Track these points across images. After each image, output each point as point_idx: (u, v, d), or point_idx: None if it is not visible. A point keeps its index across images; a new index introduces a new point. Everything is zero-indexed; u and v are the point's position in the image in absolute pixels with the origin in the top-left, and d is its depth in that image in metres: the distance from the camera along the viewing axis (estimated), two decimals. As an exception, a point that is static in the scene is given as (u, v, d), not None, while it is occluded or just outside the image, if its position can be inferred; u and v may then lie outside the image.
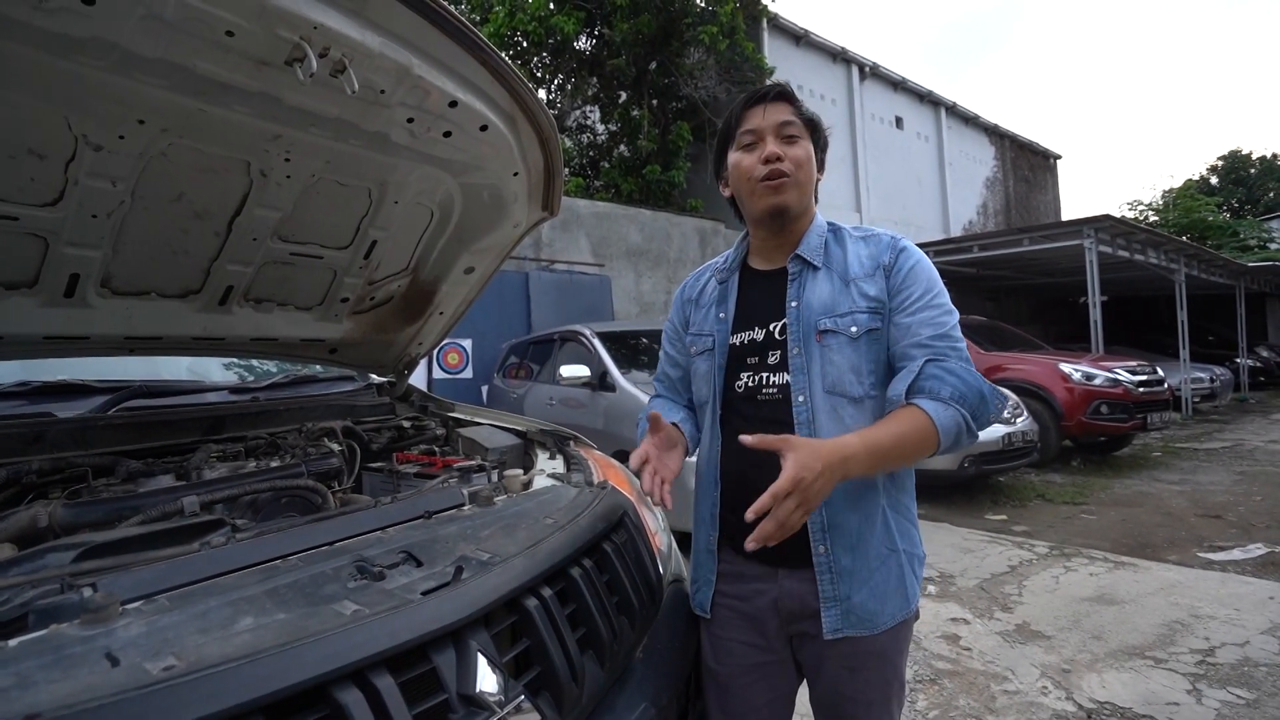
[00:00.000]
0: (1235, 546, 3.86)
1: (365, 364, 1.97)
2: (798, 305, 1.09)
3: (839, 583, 1.03)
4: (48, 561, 0.82)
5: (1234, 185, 29.86)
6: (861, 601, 1.03)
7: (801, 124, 1.10)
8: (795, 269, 1.12)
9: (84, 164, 1.05)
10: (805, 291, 1.10)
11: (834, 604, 1.03)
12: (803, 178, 1.10)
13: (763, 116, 1.10)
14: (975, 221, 18.22)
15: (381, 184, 1.38)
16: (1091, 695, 2.27)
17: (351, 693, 0.61)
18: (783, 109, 1.10)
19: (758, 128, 1.10)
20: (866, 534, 1.04)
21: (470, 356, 7.07)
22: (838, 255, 1.12)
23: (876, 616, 1.04)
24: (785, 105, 1.11)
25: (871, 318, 1.05)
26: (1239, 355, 12.38)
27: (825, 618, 1.03)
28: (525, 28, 10.15)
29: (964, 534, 4.29)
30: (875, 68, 15.37)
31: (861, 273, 1.08)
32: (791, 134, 1.09)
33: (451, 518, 1.04)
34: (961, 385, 0.99)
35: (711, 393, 1.16)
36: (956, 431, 0.98)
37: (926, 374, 1.00)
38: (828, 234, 1.15)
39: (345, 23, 0.97)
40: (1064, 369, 6.42)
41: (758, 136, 1.10)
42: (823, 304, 1.07)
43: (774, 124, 1.09)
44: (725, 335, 1.16)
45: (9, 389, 1.47)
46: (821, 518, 1.03)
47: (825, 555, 1.03)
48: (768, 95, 1.11)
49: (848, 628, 1.03)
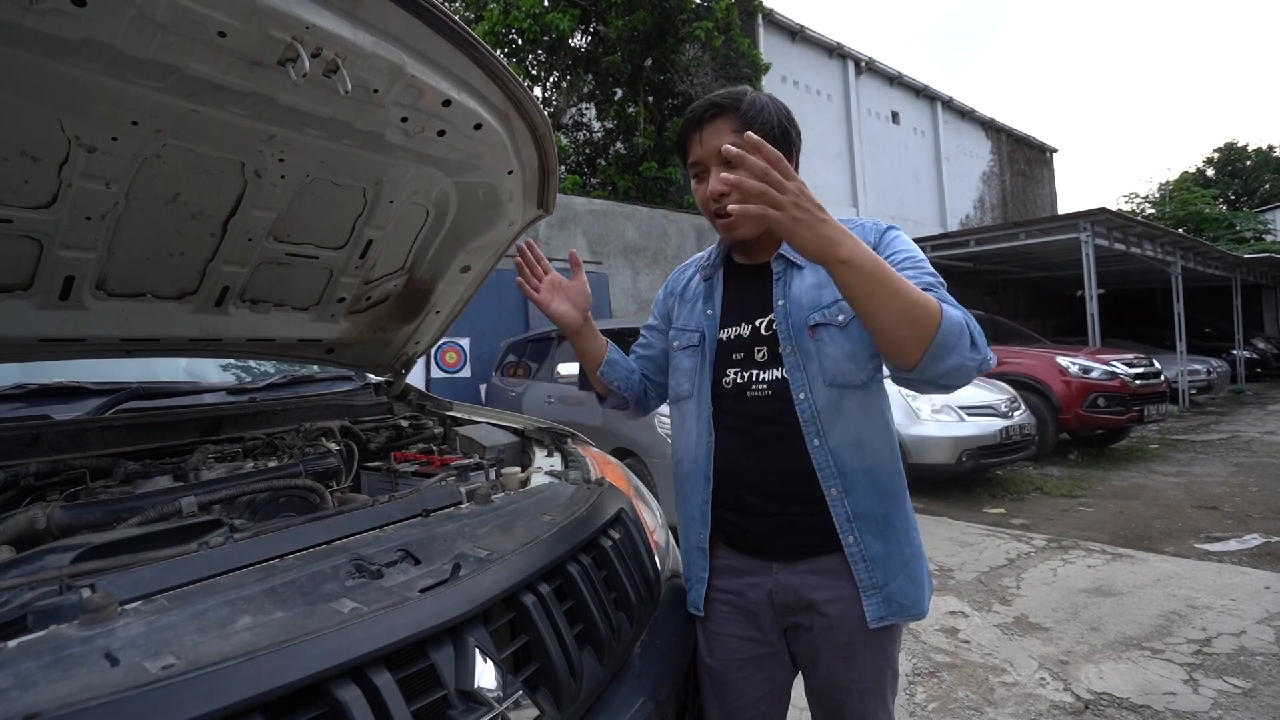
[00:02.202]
0: (1232, 537, 3.88)
1: (362, 364, 1.97)
2: (784, 304, 1.08)
3: (875, 570, 1.02)
4: (46, 563, 0.83)
5: (1230, 177, 29.91)
6: (901, 587, 1.03)
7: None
8: (779, 268, 1.11)
9: (78, 166, 1.05)
10: (791, 289, 1.08)
11: (874, 591, 1.02)
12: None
13: (700, 144, 1.04)
14: (972, 216, 18.23)
15: (376, 183, 1.38)
16: (1089, 686, 2.29)
17: (350, 690, 0.61)
18: (722, 130, 1.01)
19: (699, 159, 1.05)
20: (896, 520, 1.05)
21: (468, 355, 7.07)
22: None
23: (920, 602, 1.04)
24: (725, 124, 1.02)
25: None
26: (1235, 347, 12.42)
27: (867, 607, 1.01)
28: (520, 25, 10.12)
29: (962, 528, 4.31)
30: (871, 63, 15.36)
31: None
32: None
33: (449, 516, 1.04)
34: (958, 310, 0.92)
35: (696, 388, 1.15)
36: (960, 329, 0.89)
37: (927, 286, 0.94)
38: None
39: (338, 22, 0.97)
40: (1061, 362, 6.43)
41: (702, 167, 1.05)
42: (810, 299, 1.06)
43: (713, 152, 1.02)
44: (714, 330, 1.15)
45: (6, 392, 1.47)
46: (846, 509, 1.02)
47: (856, 544, 1.02)
48: (702, 119, 1.03)
49: (891, 615, 1.02)
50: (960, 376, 0.91)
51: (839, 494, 1.03)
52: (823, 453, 1.03)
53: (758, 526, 1.08)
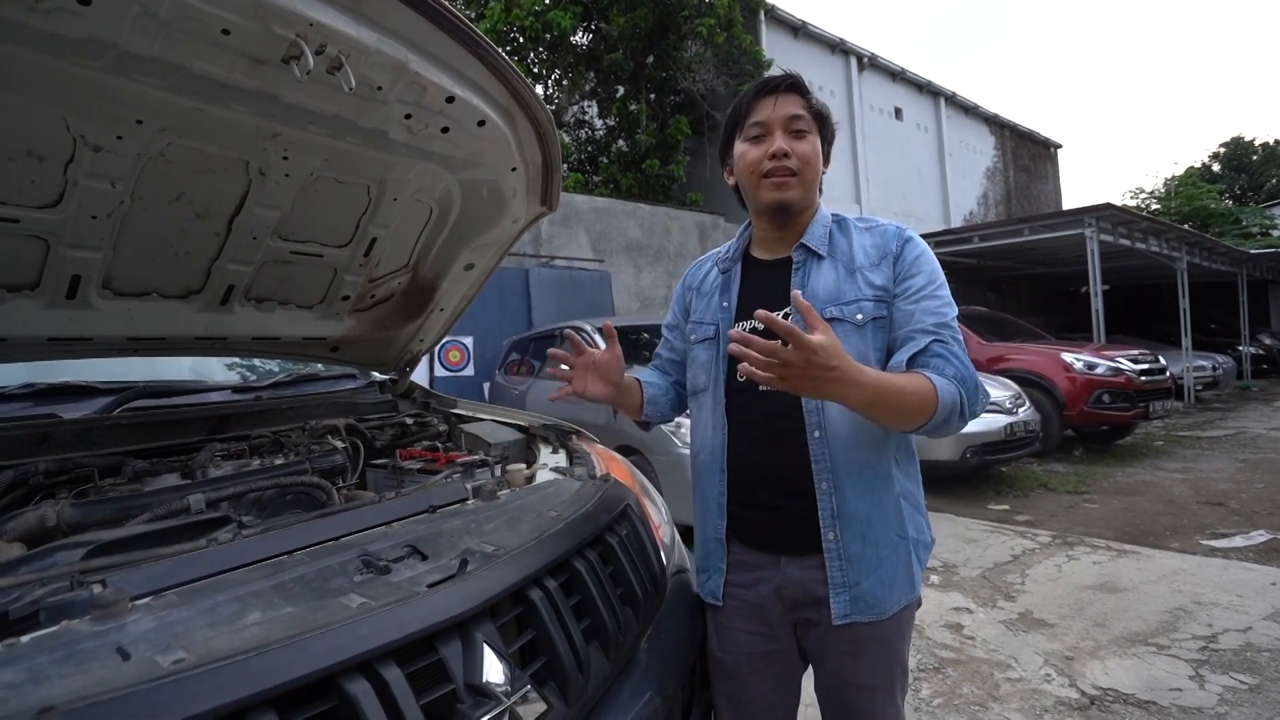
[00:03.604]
0: (1238, 533, 3.87)
1: (367, 362, 1.97)
2: (803, 293, 1.09)
3: (849, 569, 1.04)
4: (57, 560, 0.83)
5: (1236, 172, 29.74)
6: (870, 588, 1.04)
7: (810, 118, 1.10)
8: (800, 258, 1.12)
9: (83, 165, 1.05)
10: (810, 280, 1.10)
11: (843, 590, 1.04)
12: (808, 174, 1.09)
13: (773, 108, 1.09)
14: (976, 212, 18.17)
15: (380, 181, 1.39)
16: (1094, 682, 2.28)
17: (360, 684, 0.62)
18: (793, 102, 1.09)
19: (767, 120, 1.09)
20: (878, 522, 1.05)
21: (472, 354, 7.08)
22: (842, 245, 1.12)
23: (884, 602, 1.05)
24: (796, 98, 1.09)
25: (877, 305, 1.06)
26: (1241, 343, 12.35)
27: (834, 603, 1.04)
28: (522, 23, 10.11)
29: (967, 524, 4.30)
30: (874, 58, 15.31)
31: (867, 262, 1.08)
32: (800, 129, 1.09)
33: (455, 512, 1.04)
34: (963, 369, 1.00)
35: (711, 381, 1.17)
36: (952, 407, 0.98)
37: (932, 351, 1.01)
38: (832, 224, 1.15)
39: (341, 19, 0.97)
40: (1066, 358, 6.41)
41: (766, 129, 1.09)
42: (828, 292, 1.08)
43: (783, 117, 1.08)
44: (730, 323, 1.16)
45: (14, 391, 1.47)
46: (832, 505, 1.04)
47: (835, 541, 1.04)
48: (780, 86, 1.10)
49: (856, 613, 1.04)
50: (954, 430, 1.02)
51: (829, 488, 1.04)
52: (820, 445, 1.05)
53: (767, 520, 1.09)
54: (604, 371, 1.17)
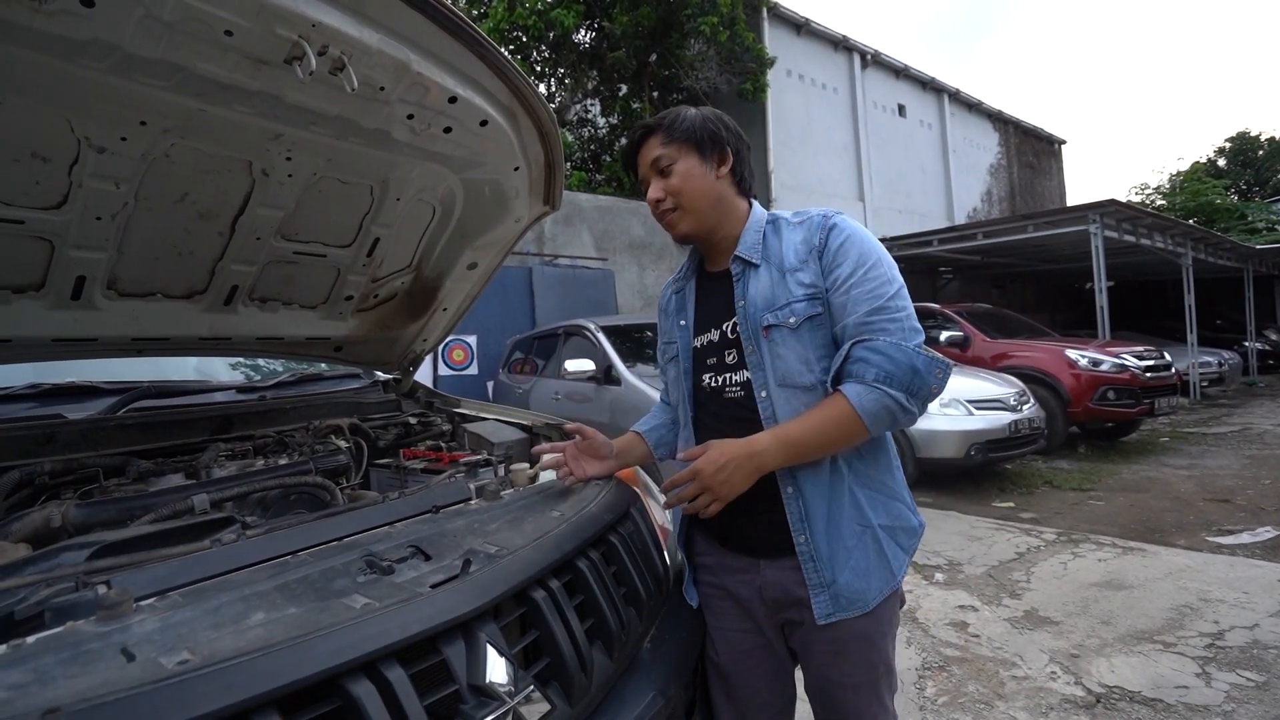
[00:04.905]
0: (1244, 530, 3.85)
1: (371, 361, 1.97)
2: (744, 304, 1.10)
3: (823, 568, 1.04)
4: (62, 560, 0.84)
5: (1242, 167, 29.52)
6: (847, 582, 1.04)
7: (676, 147, 1.11)
8: (737, 270, 1.13)
9: (87, 166, 1.05)
10: (749, 290, 1.11)
11: (822, 589, 1.04)
12: (687, 201, 1.11)
13: (640, 161, 1.16)
14: (980, 209, 18.09)
15: (383, 181, 1.39)
16: (1100, 680, 2.27)
17: (363, 684, 0.62)
18: (652, 146, 1.13)
19: (641, 174, 1.17)
20: (837, 516, 1.05)
21: (475, 353, 7.09)
22: (775, 247, 1.12)
23: (864, 594, 1.04)
24: (654, 140, 1.13)
25: (810, 304, 1.05)
26: (1247, 339, 12.28)
27: (815, 604, 1.04)
28: (524, 22, 10.09)
29: (971, 522, 4.29)
30: (877, 55, 15.24)
31: (796, 261, 1.08)
32: (663, 166, 1.12)
33: (459, 512, 1.05)
34: (888, 364, 0.98)
35: (681, 396, 1.21)
36: (885, 413, 0.99)
37: (852, 358, 1.01)
38: (766, 227, 1.15)
39: (343, 20, 0.97)
40: (1070, 355, 6.38)
41: (643, 181, 1.17)
42: (764, 299, 1.08)
43: (647, 165, 1.14)
44: (688, 340, 1.20)
45: (20, 391, 1.48)
46: (800, 507, 1.05)
47: (806, 544, 1.05)
48: (636, 140, 1.16)
49: (839, 611, 1.04)
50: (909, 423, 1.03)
51: (794, 492, 1.05)
52: None
53: (742, 524, 1.11)
54: (593, 451, 1.25)
